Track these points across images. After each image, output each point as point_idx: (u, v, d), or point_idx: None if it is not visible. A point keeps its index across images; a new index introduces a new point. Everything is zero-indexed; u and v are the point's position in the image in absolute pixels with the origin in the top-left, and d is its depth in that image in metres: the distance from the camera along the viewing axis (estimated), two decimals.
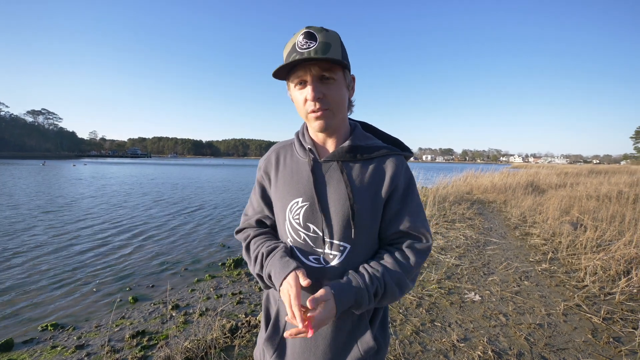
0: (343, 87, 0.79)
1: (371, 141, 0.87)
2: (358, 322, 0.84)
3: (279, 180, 0.88)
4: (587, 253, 4.10)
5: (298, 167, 0.86)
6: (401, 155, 0.88)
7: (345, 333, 0.83)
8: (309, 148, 0.85)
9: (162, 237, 6.41)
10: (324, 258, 0.82)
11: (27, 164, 47.35)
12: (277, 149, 0.94)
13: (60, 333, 2.96)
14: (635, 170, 22.07)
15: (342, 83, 0.79)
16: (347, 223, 0.80)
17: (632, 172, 18.54)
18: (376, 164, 0.84)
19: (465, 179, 13.62)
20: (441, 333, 2.47)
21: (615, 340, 2.38)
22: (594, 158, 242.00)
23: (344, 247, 0.81)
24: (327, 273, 0.81)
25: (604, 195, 8.63)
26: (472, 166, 18.09)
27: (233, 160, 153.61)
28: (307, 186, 0.82)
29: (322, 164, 0.84)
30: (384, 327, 0.91)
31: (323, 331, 0.82)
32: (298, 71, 0.76)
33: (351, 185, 0.81)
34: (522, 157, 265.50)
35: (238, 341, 2.43)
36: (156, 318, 3.15)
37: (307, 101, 0.77)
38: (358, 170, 0.83)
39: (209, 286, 3.94)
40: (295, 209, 0.83)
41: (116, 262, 4.96)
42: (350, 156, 0.83)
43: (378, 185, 0.82)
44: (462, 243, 4.95)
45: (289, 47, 0.76)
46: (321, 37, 0.73)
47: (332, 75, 0.76)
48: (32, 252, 5.38)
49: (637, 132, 78.53)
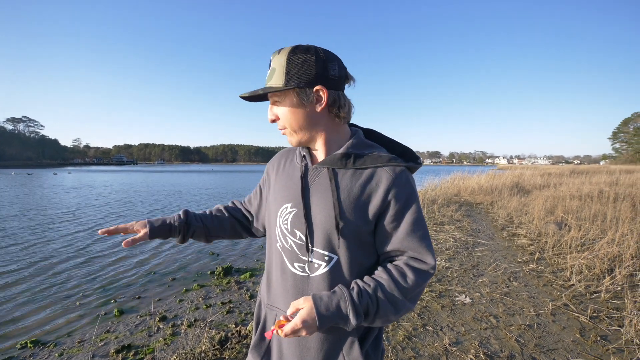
0: (294, 107, 0.78)
1: (370, 150, 0.83)
2: (346, 335, 0.81)
3: (277, 184, 0.90)
4: (572, 252, 4.19)
5: (292, 173, 0.87)
6: (402, 167, 0.80)
7: (332, 346, 0.81)
8: (302, 155, 0.87)
9: (149, 247, 6.20)
10: (308, 267, 0.80)
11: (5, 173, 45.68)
12: (283, 153, 0.98)
13: (41, 350, 2.82)
14: (614, 169, 22.89)
15: (292, 103, 0.78)
16: (331, 232, 0.77)
17: (611, 172, 19.20)
18: (370, 173, 0.79)
19: (453, 181, 13.84)
20: (433, 337, 2.46)
21: (602, 338, 2.42)
22: (575, 159, 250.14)
23: (330, 257, 0.78)
24: (311, 282, 0.80)
25: (585, 194, 8.89)
26: (459, 168, 18.40)
27: (222, 166, 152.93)
28: (296, 192, 0.83)
29: (313, 170, 0.84)
30: (377, 342, 0.88)
31: (310, 342, 0.80)
32: None
33: (338, 194, 0.78)
34: (507, 158, 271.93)
35: (227, 353, 2.35)
36: (143, 331, 3.03)
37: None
38: (349, 179, 0.79)
39: (197, 296, 3.82)
40: (284, 214, 0.84)
41: (100, 273, 4.79)
42: (342, 164, 0.80)
43: (370, 197, 0.78)
44: (451, 245, 5.00)
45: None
46: (273, 63, 0.78)
47: (277, 100, 0.80)
48: (9, 264, 5.14)
49: (614, 133, 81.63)
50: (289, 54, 0.75)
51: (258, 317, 0.93)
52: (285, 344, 0.83)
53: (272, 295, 0.87)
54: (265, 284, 0.93)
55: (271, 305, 0.87)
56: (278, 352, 0.84)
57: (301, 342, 0.81)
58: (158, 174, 48.08)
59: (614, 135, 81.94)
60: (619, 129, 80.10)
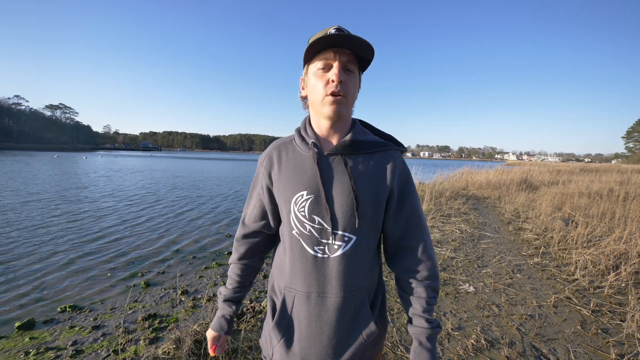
0: (357, 82, 0.85)
1: (370, 137, 0.90)
2: (361, 308, 0.86)
3: (282, 174, 0.88)
4: (578, 248, 4.20)
5: (302, 161, 0.87)
6: (398, 151, 0.92)
7: (348, 319, 0.86)
8: (312, 142, 0.86)
9: (173, 227, 6.68)
10: (328, 248, 0.84)
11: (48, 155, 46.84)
12: (277, 146, 0.94)
13: (78, 314, 3.08)
14: (625, 169, 22.43)
15: (357, 78, 0.84)
16: (351, 214, 0.82)
17: (622, 171, 18.83)
18: (377, 158, 0.87)
19: (461, 176, 13.75)
20: None
21: (603, 331, 2.46)
22: (586, 157, 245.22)
23: (349, 237, 0.83)
24: (331, 262, 0.83)
25: (595, 192, 8.78)
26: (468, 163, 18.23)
27: (239, 155, 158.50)
28: (312, 179, 0.84)
29: (326, 157, 0.86)
30: (382, 312, 0.95)
31: (328, 317, 0.84)
32: (327, 53, 0.80)
33: (355, 178, 0.83)
34: (517, 155, 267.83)
35: (244, 325, 2.55)
36: (167, 302, 3.28)
37: (328, 83, 0.80)
38: (360, 164, 0.85)
39: (215, 273, 4.09)
40: (300, 202, 0.85)
41: (128, 249, 5.13)
42: (351, 150, 0.85)
43: (380, 178, 0.85)
44: (457, 237, 5.03)
45: (319, 35, 0.80)
46: (358, 36, 0.78)
47: (353, 68, 0.82)
48: (50, 239, 5.52)
49: (628, 132, 79.63)
50: None
51: (272, 300, 0.95)
52: (304, 322, 0.87)
53: (291, 278, 0.89)
54: (278, 269, 0.95)
55: (289, 288, 0.89)
56: (299, 328, 0.88)
57: (320, 318, 0.85)
58: (182, 160, 49.11)
59: (627, 134, 79.95)
60: (634, 128, 78.04)
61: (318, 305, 0.84)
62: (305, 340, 0.86)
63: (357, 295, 0.86)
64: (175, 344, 2.15)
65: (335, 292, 0.83)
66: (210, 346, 0.99)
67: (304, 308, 0.86)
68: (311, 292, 0.84)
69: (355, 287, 0.85)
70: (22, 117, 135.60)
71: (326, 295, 0.84)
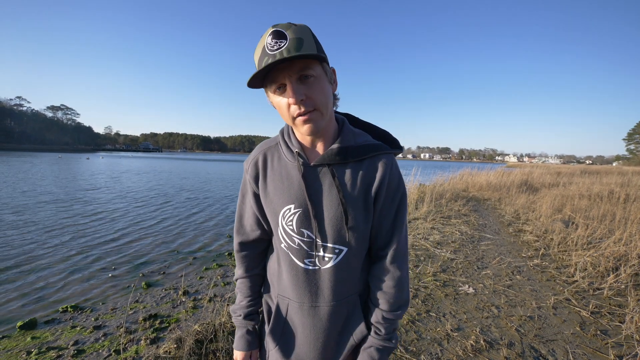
0: (325, 83, 0.73)
1: (361, 139, 0.83)
2: (353, 311, 0.87)
3: (269, 185, 0.84)
4: (578, 250, 4.21)
5: (287, 172, 0.82)
6: (391, 154, 0.84)
7: (341, 324, 0.87)
8: (297, 152, 0.80)
9: (173, 228, 6.70)
10: (319, 260, 0.82)
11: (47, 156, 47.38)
12: (263, 150, 0.87)
13: (79, 314, 3.11)
14: (626, 170, 22.40)
15: (324, 78, 0.72)
16: (341, 227, 0.79)
17: (623, 173, 18.81)
18: (367, 166, 0.81)
19: (462, 177, 13.77)
20: (436, 323, 2.54)
21: (602, 333, 2.47)
22: (587, 159, 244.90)
23: (340, 249, 0.81)
24: (322, 274, 0.83)
25: (595, 194, 8.79)
26: (469, 165, 18.24)
27: (239, 156, 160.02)
28: (299, 193, 0.80)
29: (312, 169, 0.80)
30: None
31: (322, 325, 0.85)
32: (274, 75, 0.69)
33: (343, 190, 0.79)
34: (517, 156, 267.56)
35: None
36: (167, 303, 3.31)
37: (290, 105, 0.71)
38: (349, 174, 0.80)
39: (216, 274, 4.12)
40: (288, 216, 0.81)
41: (129, 250, 5.15)
42: (340, 159, 0.79)
43: (368, 187, 0.81)
44: (457, 238, 5.04)
45: (258, 51, 0.69)
46: (291, 34, 0.66)
47: (311, 72, 0.69)
48: (51, 239, 5.55)
49: (629, 134, 79.52)
50: (306, 27, 0.70)
51: (268, 305, 0.96)
52: (299, 329, 0.88)
53: (283, 287, 0.89)
54: (271, 274, 0.95)
55: (282, 296, 0.90)
56: (293, 334, 0.89)
57: (314, 326, 0.86)
58: (182, 161, 49.34)
59: (629, 136, 79.82)
60: (635, 130, 77.93)
61: (311, 315, 0.85)
62: (300, 347, 0.87)
63: (350, 300, 0.87)
64: (176, 343, 2.17)
65: (328, 301, 0.84)
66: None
67: (297, 316, 0.87)
68: (304, 302, 0.85)
69: (348, 294, 0.86)
70: (24, 118, 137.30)
71: (318, 305, 0.84)
